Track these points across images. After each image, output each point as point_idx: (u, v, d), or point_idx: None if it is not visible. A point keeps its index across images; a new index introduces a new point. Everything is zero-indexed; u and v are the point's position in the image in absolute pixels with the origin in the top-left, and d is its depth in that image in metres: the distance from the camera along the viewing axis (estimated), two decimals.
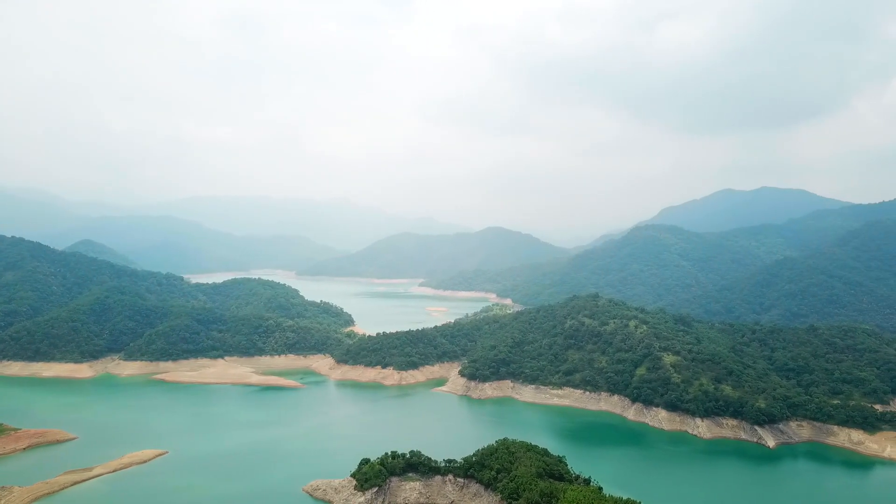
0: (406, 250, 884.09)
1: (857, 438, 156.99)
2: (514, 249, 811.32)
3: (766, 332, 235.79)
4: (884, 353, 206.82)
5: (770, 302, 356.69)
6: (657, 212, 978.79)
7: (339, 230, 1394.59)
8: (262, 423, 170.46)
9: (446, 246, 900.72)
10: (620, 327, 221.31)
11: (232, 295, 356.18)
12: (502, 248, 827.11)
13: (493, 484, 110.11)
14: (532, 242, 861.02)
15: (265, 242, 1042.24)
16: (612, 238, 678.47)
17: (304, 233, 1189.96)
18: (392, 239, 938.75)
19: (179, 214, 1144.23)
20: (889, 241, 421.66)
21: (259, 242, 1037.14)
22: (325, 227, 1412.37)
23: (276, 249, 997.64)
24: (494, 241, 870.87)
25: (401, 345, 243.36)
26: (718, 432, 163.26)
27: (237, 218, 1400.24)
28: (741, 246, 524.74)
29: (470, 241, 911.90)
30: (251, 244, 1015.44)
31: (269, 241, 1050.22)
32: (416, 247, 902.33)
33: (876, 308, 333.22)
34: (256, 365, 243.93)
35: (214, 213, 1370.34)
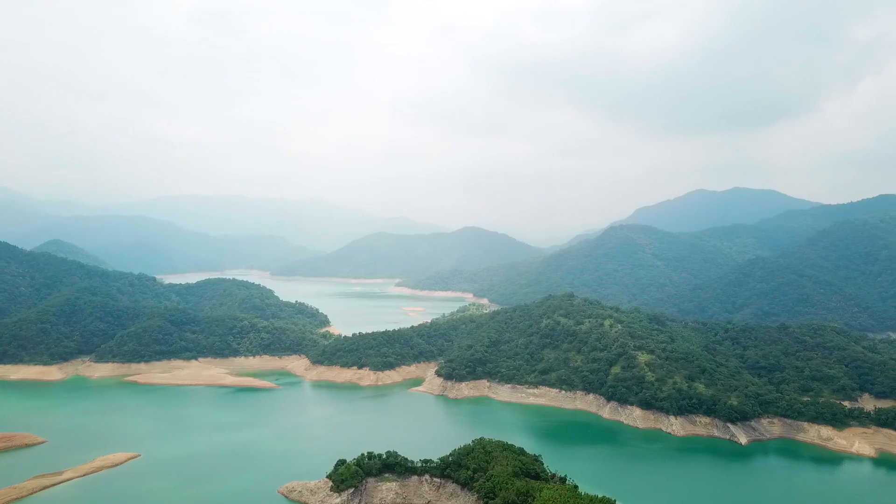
0: (382, 250, 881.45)
1: (827, 434, 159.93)
2: (491, 249, 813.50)
3: (738, 331, 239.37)
4: (852, 350, 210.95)
5: (742, 301, 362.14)
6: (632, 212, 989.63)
7: (315, 230, 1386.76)
8: (236, 424, 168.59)
9: (423, 246, 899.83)
10: (595, 326, 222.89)
11: (206, 295, 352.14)
12: (479, 248, 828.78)
13: (469, 483, 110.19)
14: (508, 242, 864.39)
15: (239, 242, 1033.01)
16: (587, 238, 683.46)
17: (278, 232, 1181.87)
18: (368, 239, 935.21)
19: (152, 214, 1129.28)
20: (857, 241, 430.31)
21: (233, 242, 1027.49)
22: (301, 226, 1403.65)
23: (251, 249, 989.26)
24: (471, 240, 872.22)
25: (377, 345, 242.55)
26: (692, 430, 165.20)
27: (211, 217, 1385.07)
28: (714, 246, 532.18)
29: (446, 240, 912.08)
30: (225, 244, 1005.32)
31: (243, 241, 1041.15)
32: (392, 246, 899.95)
33: (844, 306, 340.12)
34: (231, 366, 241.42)
35: (188, 213, 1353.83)
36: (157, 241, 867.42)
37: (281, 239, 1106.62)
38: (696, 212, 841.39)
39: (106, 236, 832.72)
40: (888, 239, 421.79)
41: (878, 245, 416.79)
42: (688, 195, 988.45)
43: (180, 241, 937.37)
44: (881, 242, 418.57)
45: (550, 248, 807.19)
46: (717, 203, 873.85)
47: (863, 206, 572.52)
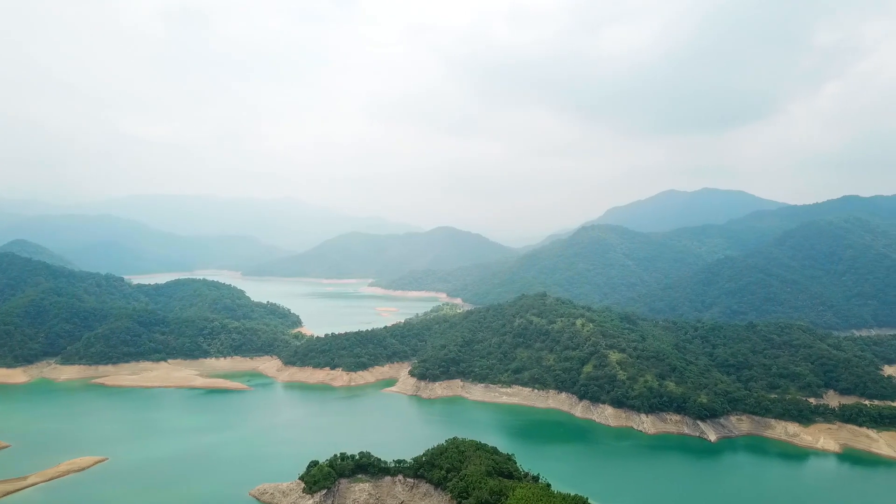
0: (355, 250, 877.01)
1: (793, 431, 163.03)
2: (465, 249, 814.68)
3: (707, 330, 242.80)
4: (817, 348, 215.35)
5: (711, 300, 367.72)
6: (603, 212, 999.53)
7: (287, 230, 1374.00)
8: (206, 426, 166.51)
9: (396, 246, 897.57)
10: (568, 325, 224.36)
11: (175, 296, 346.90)
12: (452, 248, 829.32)
13: (442, 483, 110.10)
14: (482, 242, 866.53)
15: (210, 242, 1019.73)
16: (559, 238, 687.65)
17: (250, 232, 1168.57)
18: (341, 238, 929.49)
19: (120, 213, 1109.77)
20: (822, 241, 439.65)
21: (203, 242, 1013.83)
22: (272, 226, 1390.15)
23: (221, 249, 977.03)
24: (445, 240, 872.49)
25: (350, 346, 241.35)
26: (662, 427, 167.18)
27: (180, 217, 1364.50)
28: (684, 246, 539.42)
29: (420, 240, 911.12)
30: (195, 244, 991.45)
31: (213, 241, 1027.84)
32: (365, 246, 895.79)
33: (810, 305, 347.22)
34: (201, 367, 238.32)
35: (156, 212, 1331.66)
36: (126, 240, 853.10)
37: (252, 239, 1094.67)
38: (666, 212, 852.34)
39: (72, 236, 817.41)
40: (851, 239, 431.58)
41: (843, 245, 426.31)
42: (658, 196, 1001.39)
43: (149, 240, 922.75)
44: (845, 242, 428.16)
45: (524, 247, 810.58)
46: (687, 203, 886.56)
47: (827, 207, 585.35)
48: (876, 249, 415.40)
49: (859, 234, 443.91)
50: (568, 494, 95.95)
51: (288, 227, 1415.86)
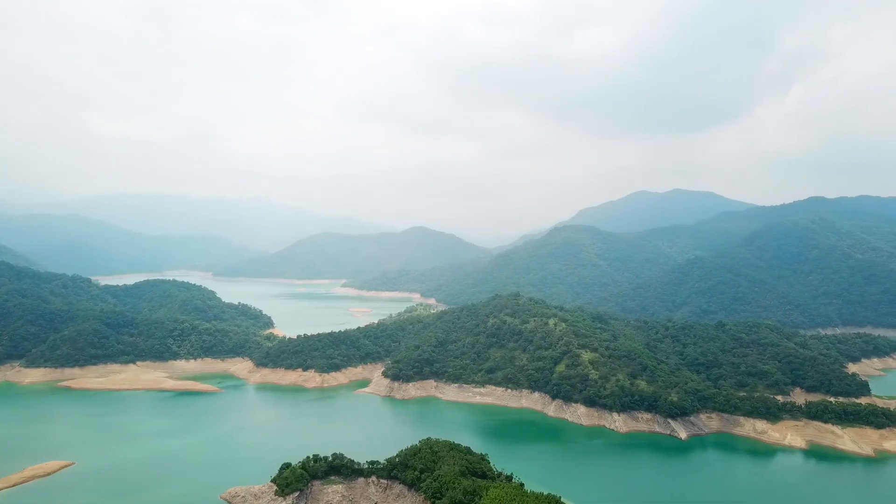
0: (328, 250, 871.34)
1: (761, 428, 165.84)
2: (438, 249, 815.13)
3: (678, 329, 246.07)
4: (784, 346, 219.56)
5: (682, 299, 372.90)
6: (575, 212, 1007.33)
7: (258, 230, 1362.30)
8: (176, 429, 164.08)
9: (370, 246, 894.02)
10: (541, 325, 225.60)
11: (144, 297, 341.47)
12: (426, 249, 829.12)
13: (416, 484, 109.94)
14: (456, 243, 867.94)
15: (180, 242, 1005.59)
16: (532, 238, 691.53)
17: (220, 233, 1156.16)
18: (313, 239, 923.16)
19: (86, 213, 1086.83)
20: (789, 242, 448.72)
21: (173, 242, 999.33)
22: (244, 226, 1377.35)
23: (192, 250, 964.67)
24: (418, 241, 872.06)
25: (322, 347, 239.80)
26: (634, 426, 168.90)
27: (149, 217, 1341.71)
28: (655, 246, 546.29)
29: (394, 241, 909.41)
30: (165, 244, 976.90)
31: (183, 242, 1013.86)
32: (338, 247, 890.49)
33: (777, 304, 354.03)
34: (171, 370, 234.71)
35: (125, 212, 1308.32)
36: (93, 241, 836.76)
37: (223, 239, 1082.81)
38: (637, 213, 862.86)
39: (37, 236, 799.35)
40: (817, 240, 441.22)
41: (809, 245, 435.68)
42: (630, 196, 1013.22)
43: (117, 241, 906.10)
44: (811, 243, 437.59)
45: (497, 248, 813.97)
46: (657, 204, 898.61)
47: (794, 208, 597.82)
48: (841, 250, 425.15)
49: (825, 234, 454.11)
50: (541, 494, 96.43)
51: (260, 227, 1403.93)
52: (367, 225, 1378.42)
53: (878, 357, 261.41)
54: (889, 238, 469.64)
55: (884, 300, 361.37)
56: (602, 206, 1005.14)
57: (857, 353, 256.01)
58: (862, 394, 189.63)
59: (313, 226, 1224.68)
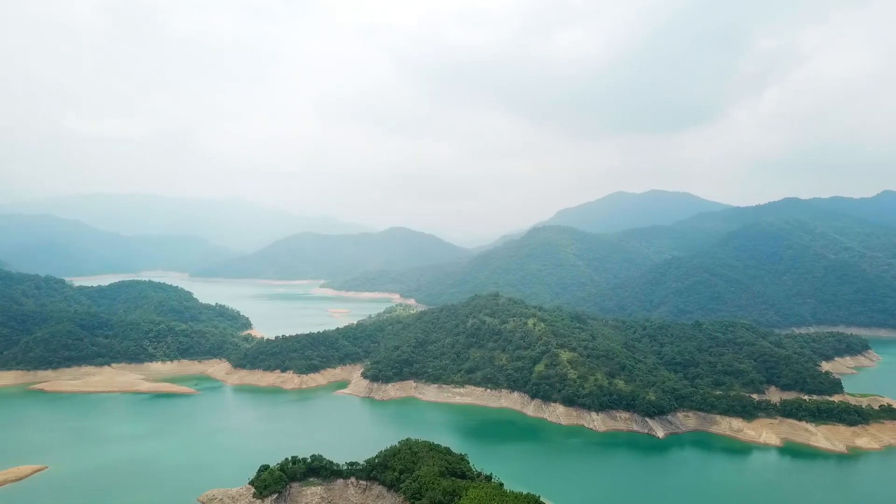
0: (306, 251, 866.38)
1: (737, 426, 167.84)
2: (418, 250, 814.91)
3: (655, 328, 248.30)
4: (760, 346, 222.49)
5: (659, 299, 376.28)
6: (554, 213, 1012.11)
7: (236, 230, 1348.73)
8: (152, 432, 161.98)
9: (349, 246, 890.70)
10: (520, 325, 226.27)
11: (119, 298, 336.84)
12: (406, 249, 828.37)
13: (396, 485, 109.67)
14: (435, 243, 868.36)
15: (156, 243, 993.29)
16: (511, 238, 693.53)
17: (197, 233, 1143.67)
18: (291, 239, 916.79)
19: (60, 213, 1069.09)
20: (764, 242, 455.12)
21: (149, 243, 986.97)
22: (221, 226, 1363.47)
23: (168, 250, 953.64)
24: (398, 241, 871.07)
25: (301, 348, 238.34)
26: (612, 425, 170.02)
27: (125, 217, 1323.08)
28: (632, 246, 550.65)
29: (373, 241, 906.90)
30: (140, 245, 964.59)
31: (159, 242, 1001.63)
32: (317, 247, 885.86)
33: (753, 304, 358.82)
34: (147, 371, 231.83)
35: (99, 212, 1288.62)
36: (66, 241, 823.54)
37: (200, 239, 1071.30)
38: (615, 213, 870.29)
39: (9, 236, 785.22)
40: (792, 240, 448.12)
41: (783, 245, 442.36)
42: (608, 197, 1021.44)
43: (91, 241, 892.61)
44: (786, 243, 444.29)
45: (477, 248, 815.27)
46: (635, 205, 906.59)
47: (769, 209, 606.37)
48: (814, 250, 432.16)
49: (799, 235, 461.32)
50: (520, 493, 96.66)
51: (237, 227, 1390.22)
52: (346, 225, 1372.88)
53: (851, 355, 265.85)
54: (861, 239, 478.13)
55: (856, 300, 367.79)
56: (580, 206, 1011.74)
57: (831, 351, 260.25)
58: (835, 392, 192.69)
59: (292, 226, 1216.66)
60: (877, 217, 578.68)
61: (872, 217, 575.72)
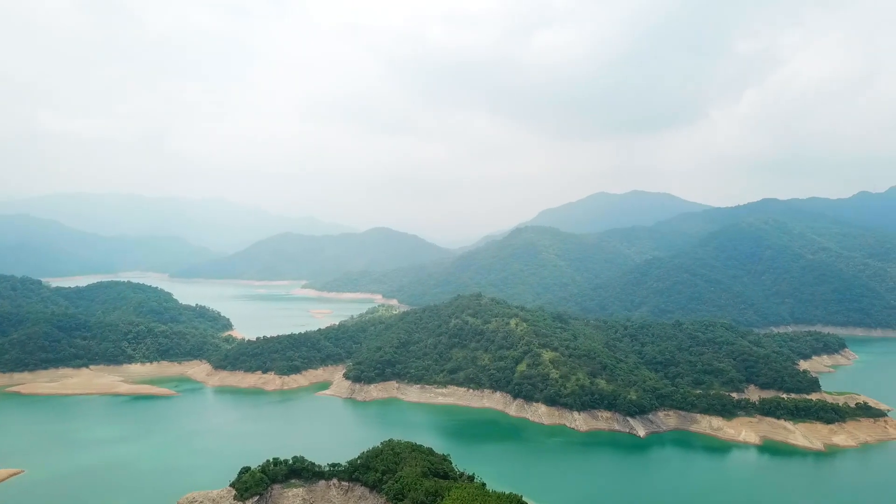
0: (288, 251, 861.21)
1: (717, 425, 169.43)
2: (401, 250, 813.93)
3: (636, 328, 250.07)
4: (739, 345, 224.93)
5: (640, 299, 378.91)
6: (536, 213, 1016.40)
7: (216, 230, 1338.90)
8: (131, 435, 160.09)
9: (331, 247, 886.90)
10: (502, 325, 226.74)
11: (98, 299, 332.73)
12: (388, 249, 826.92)
13: (378, 486, 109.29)
14: (418, 243, 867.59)
15: (135, 243, 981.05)
16: (494, 239, 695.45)
17: (177, 233, 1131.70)
18: (273, 239, 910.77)
19: (36, 213, 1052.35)
20: (743, 243, 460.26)
21: (128, 243, 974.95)
22: (201, 227, 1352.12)
23: (147, 251, 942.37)
24: (381, 241, 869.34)
25: (282, 349, 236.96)
26: (594, 424, 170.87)
27: (103, 217, 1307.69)
28: (614, 247, 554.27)
29: (355, 241, 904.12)
30: (119, 245, 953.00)
31: (139, 242, 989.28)
32: (298, 247, 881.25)
33: (732, 303, 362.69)
34: (126, 373, 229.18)
35: (77, 212, 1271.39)
36: (43, 241, 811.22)
37: (180, 240, 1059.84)
38: (597, 214, 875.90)
39: None
40: (770, 240, 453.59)
41: (762, 246, 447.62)
42: (589, 198, 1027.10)
43: (69, 241, 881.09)
44: (765, 243, 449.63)
45: (459, 249, 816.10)
46: (616, 205, 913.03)
47: (748, 210, 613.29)
48: (792, 250, 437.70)
49: (777, 235, 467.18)
50: (503, 493, 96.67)
51: (218, 227, 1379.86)
52: (328, 225, 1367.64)
53: (828, 354, 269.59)
54: (838, 239, 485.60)
55: (833, 299, 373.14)
56: (562, 207, 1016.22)
57: (808, 350, 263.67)
58: (813, 390, 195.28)
59: (273, 226, 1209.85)
60: (853, 217, 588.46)
61: (849, 217, 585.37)
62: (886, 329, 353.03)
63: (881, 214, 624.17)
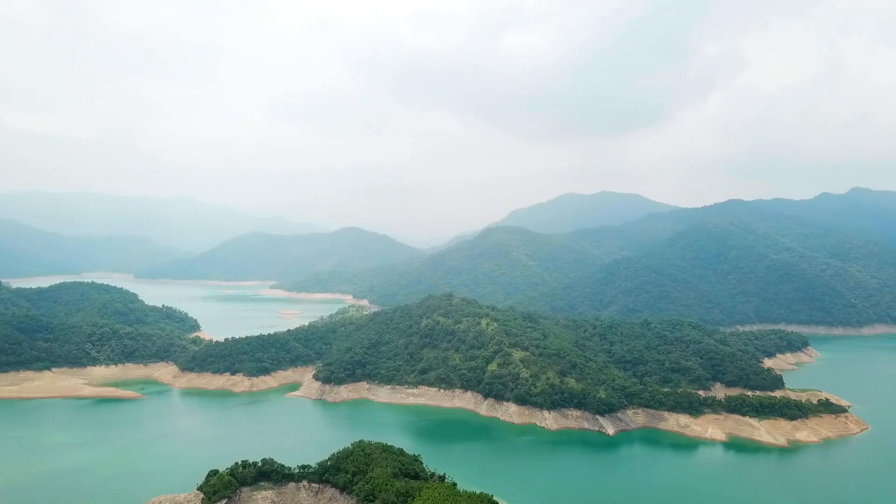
0: (256, 251, 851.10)
1: (684, 422, 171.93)
2: (371, 250, 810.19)
3: (605, 327, 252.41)
4: (706, 343, 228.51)
5: (609, 298, 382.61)
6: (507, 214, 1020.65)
7: (183, 230, 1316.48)
8: (96, 439, 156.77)
9: (300, 247, 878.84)
10: (473, 325, 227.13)
11: (60, 301, 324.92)
12: (358, 249, 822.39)
13: (348, 487, 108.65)
14: (388, 243, 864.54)
15: (99, 243, 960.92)
16: (465, 239, 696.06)
17: (143, 233, 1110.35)
18: (241, 239, 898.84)
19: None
20: (710, 243, 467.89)
21: (92, 243, 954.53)
22: (167, 226, 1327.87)
23: (112, 251, 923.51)
24: (350, 241, 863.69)
25: (251, 350, 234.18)
26: (564, 423, 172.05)
27: (66, 216, 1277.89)
28: (583, 247, 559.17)
29: (325, 241, 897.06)
30: (83, 245, 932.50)
31: (103, 242, 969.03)
32: (267, 247, 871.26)
33: (699, 303, 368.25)
34: (90, 376, 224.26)
35: (39, 211, 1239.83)
36: (3, 241, 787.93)
37: (146, 240, 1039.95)
38: (566, 214, 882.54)
39: None
40: (735, 241, 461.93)
41: (728, 246, 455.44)
42: (559, 198, 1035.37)
43: (30, 241, 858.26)
44: (730, 244, 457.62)
45: (430, 249, 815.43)
46: (585, 206, 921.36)
47: (714, 210, 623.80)
48: (757, 250, 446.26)
49: (742, 235, 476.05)
50: (474, 493, 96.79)
51: (184, 227, 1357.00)
52: (297, 225, 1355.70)
53: (791, 352, 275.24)
54: (801, 239, 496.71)
55: (796, 298, 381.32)
56: (532, 207, 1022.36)
57: (772, 348, 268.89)
58: (777, 387, 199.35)
59: (241, 226, 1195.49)
60: (815, 218, 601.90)
61: (811, 218, 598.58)
62: (847, 327, 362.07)
63: (842, 215, 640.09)
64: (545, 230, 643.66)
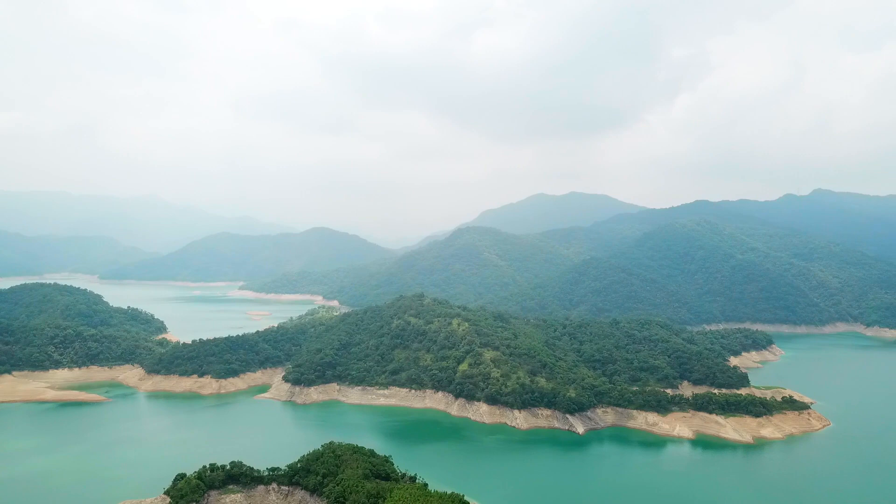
0: (224, 251, 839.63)
1: (653, 420, 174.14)
2: (341, 250, 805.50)
3: (575, 327, 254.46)
4: (674, 342, 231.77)
5: (578, 298, 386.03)
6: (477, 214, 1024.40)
7: (148, 230, 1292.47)
8: (58, 443, 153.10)
9: (268, 247, 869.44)
10: (444, 325, 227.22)
11: (21, 302, 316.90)
12: (328, 250, 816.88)
13: (319, 489, 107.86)
14: (359, 243, 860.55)
15: (61, 243, 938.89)
16: (436, 239, 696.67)
17: (107, 233, 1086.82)
18: (208, 239, 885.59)
19: None
20: (677, 243, 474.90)
21: (54, 243, 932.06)
22: (132, 226, 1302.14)
23: (75, 251, 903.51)
24: (320, 241, 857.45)
25: (219, 352, 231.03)
26: (534, 422, 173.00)
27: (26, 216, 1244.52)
28: (552, 247, 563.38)
29: (294, 241, 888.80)
30: (44, 245, 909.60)
31: (65, 242, 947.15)
32: (235, 248, 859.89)
33: (667, 302, 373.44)
34: (52, 379, 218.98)
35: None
36: None
37: (110, 240, 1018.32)
38: (536, 215, 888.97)
39: None
40: (702, 241, 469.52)
41: (695, 246, 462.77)
42: (529, 199, 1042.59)
43: None
44: (697, 244, 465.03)
45: (401, 249, 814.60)
46: (555, 206, 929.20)
47: (682, 211, 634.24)
48: (723, 250, 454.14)
49: (709, 236, 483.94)
50: (445, 493, 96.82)
51: (149, 226, 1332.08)
52: (265, 225, 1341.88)
53: (756, 350, 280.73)
54: (765, 239, 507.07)
55: (761, 297, 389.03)
56: (502, 207, 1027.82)
57: (738, 347, 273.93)
58: (742, 385, 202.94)
59: (208, 225, 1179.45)
60: (779, 219, 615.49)
61: (776, 219, 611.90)
62: (810, 326, 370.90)
63: (805, 216, 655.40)
64: (516, 230, 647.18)
